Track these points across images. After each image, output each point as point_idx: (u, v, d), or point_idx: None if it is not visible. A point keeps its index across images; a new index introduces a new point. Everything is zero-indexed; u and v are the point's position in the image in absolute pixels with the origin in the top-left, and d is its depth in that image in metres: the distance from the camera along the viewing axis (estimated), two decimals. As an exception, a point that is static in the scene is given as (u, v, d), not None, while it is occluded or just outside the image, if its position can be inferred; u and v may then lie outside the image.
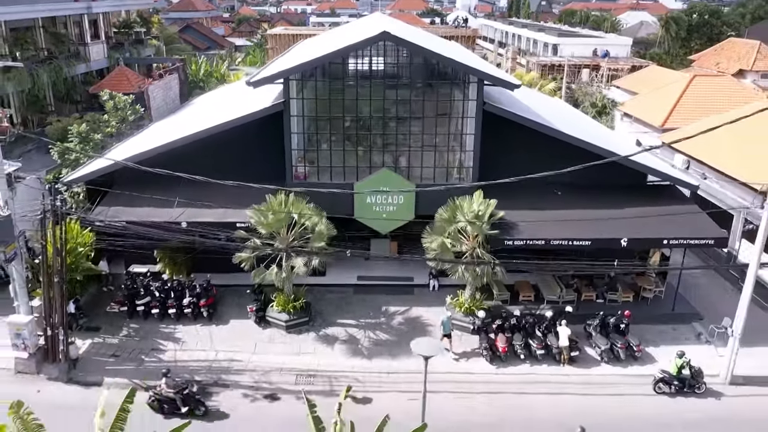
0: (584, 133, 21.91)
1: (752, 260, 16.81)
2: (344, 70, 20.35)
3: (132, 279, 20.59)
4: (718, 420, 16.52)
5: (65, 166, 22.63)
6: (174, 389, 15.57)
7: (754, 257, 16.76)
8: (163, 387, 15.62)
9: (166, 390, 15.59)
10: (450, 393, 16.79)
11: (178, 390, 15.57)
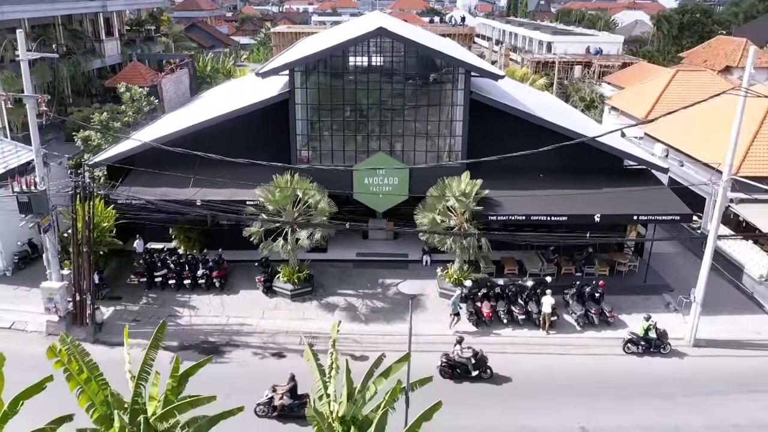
0: (564, 120, 23.77)
1: (710, 233, 18.69)
2: (344, 62, 22.21)
3: (150, 254, 22.51)
4: (681, 376, 18.36)
5: (87, 152, 24.53)
6: (467, 355, 17.19)
7: (711, 230, 18.63)
8: (457, 352, 17.31)
9: (459, 355, 17.28)
10: (435, 351, 18.63)
11: (472, 355, 17.24)
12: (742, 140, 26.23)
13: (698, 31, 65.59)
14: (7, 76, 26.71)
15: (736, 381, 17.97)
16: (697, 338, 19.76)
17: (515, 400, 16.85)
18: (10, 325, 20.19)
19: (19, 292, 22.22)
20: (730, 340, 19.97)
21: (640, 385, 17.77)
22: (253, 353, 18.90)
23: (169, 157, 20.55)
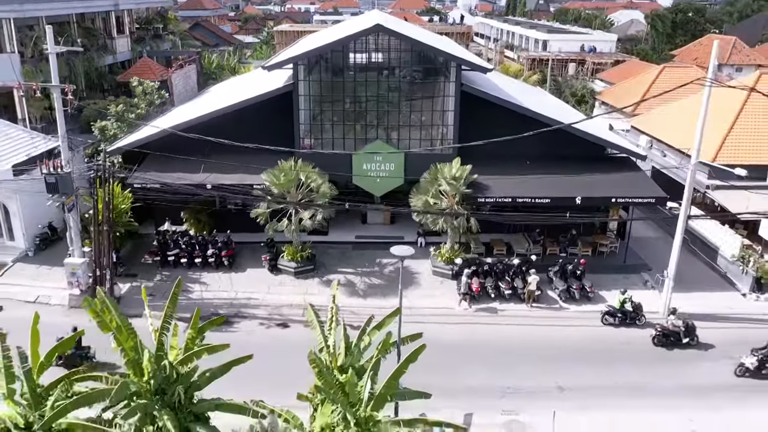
0: (548, 111, 25.36)
1: (681, 212, 20.28)
2: (345, 57, 23.82)
3: (163, 235, 24.15)
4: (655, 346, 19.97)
5: (104, 141, 26.16)
6: (679, 324, 19.11)
7: (682, 210, 20.23)
8: (672, 321, 19.18)
9: (673, 324, 19.13)
10: (432, 323, 20.22)
11: (683, 324, 19.10)
12: (719, 130, 27.98)
13: (691, 30, 67.12)
14: (28, 70, 28.35)
15: (705, 348, 19.57)
16: (670, 310, 21.32)
17: (500, 365, 18.42)
18: (35, 299, 21.81)
19: (41, 270, 23.86)
20: (701, 314, 21.49)
21: (615, 351, 19.40)
22: (260, 323, 20.54)
23: (180, 145, 22.24)
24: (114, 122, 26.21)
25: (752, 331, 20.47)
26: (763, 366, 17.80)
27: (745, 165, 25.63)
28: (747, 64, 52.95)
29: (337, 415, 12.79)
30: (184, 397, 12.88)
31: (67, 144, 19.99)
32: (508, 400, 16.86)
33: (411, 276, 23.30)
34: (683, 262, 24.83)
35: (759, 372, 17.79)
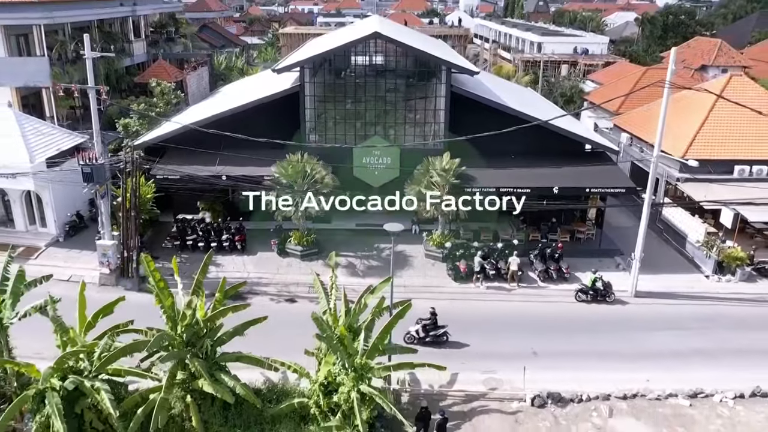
0: (532, 110, 27.81)
1: (645, 199, 22.75)
2: (346, 60, 26.29)
3: (182, 222, 26.69)
4: (621, 319, 22.41)
5: (127, 137, 28.69)
6: None
7: (647, 197, 22.69)
8: None
9: None
10: (424, 299, 22.64)
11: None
12: (691, 128, 30.35)
13: (682, 32, 69.25)
14: (56, 72, 30.92)
15: (665, 321, 22.03)
16: (638, 290, 23.80)
17: (482, 334, 20.83)
18: (68, 278, 24.30)
19: (71, 253, 26.42)
20: (665, 292, 24.00)
21: (585, 323, 21.88)
22: (270, 299, 23.08)
23: (197, 140, 24.76)
24: (137, 119, 28.72)
25: (706, 307, 23.03)
26: (427, 334, 19.93)
27: (712, 160, 28.43)
28: (732, 66, 55.11)
29: (338, 364, 15.32)
30: (210, 350, 15.46)
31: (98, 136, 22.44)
32: (488, 361, 19.30)
33: (406, 259, 25.79)
34: (656, 248, 27.54)
35: (423, 339, 19.87)
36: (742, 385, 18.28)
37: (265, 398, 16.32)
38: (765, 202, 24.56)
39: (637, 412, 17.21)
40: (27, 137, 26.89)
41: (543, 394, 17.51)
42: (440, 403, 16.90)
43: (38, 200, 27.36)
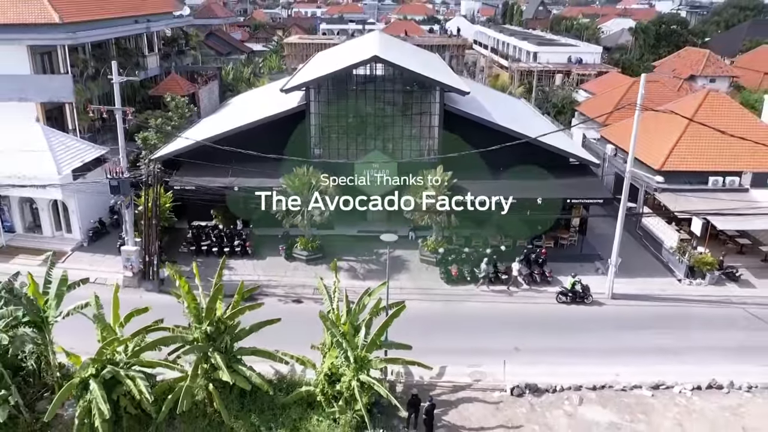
0: (520, 125, 30.03)
1: (620, 208, 24.97)
2: (347, 81, 28.53)
3: (197, 229, 28.98)
4: (598, 318, 24.66)
5: (145, 149, 31.00)
6: None
7: (621, 206, 24.92)
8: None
9: None
10: (417, 300, 24.91)
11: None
12: (670, 140, 32.51)
13: (674, 41, 71.60)
14: (79, 88, 33.26)
15: (637, 321, 24.26)
16: (614, 293, 26.01)
17: (470, 331, 23.07)
18: (94, 280, 26.55)
19: (96, 257, 28.73)
20: (640, 294, 26.23)
21: (564, 323, 24.10)
22: (278, 300, 25.34)
23: (210, 153, 27.05)
24: (155, 133, 31.02)
25: (676, 308, 25.27)
26: None
27: (689, 171, 30.61)
28: (720, 76, 57.46)
29: (340, 357, 17.59)
30: (229, 344, 17.76)
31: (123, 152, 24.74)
32: (474, 356, 21.52)
33: (402, 263, 28.06)
34: (635, 253, 29.82)
35: None
36: (700, 379, 20.49)
37: (276, 387, 18.62)
38: (732, 212, 26.80)
39: (604, 401, 19.45)
40: (54, 150, 29.22)
41: (521, 385, 19.76)
42: (430, 392, 19.13)
43: (64, 208, 29.67)
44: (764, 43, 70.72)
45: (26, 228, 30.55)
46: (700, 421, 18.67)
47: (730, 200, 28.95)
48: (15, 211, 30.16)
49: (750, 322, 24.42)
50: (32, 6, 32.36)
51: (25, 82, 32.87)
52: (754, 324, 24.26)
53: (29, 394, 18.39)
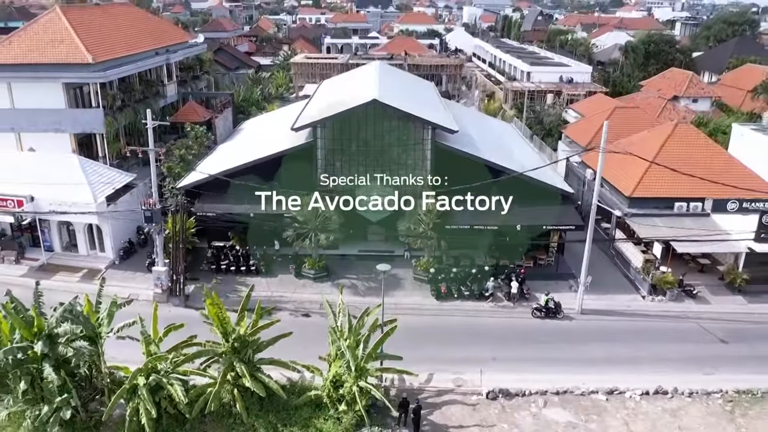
0: (505, 156, 33.62)
1: (587, 238, 28.56)
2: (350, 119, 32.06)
3: (216, 249, 32.70)
4: (569, 331, 28.23)
5: (169, 176, 34.72)
6: None
7: (589, 229, 28.51)
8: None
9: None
10: (409, 314, 28.48)
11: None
12: (640, 168, 35.97)
13: (662, 59, 74.98)
14: (109, 121, 37.02)
15: (602, 334, 27.82)
16: (583, 308, 29.59)
17: (454, 343, 26.65)
18: (128, 296, 29.97)
19: (127, 275, 32.44)
20: (607, 310, 29.81)
21: (537, 335, 27.69)
22: (289, 314, 28.97)
23: (228, 182, 30.74)
24: (177, 162, 34.76)
25: (638, 323, 28.83)
26: None
27: (656, 198, 34.09)
28: (702, 96, 60.91)
29: (343, 366, 21.26)
30: (251, 356, 21.44)
31: (155, 187, 28.46)
32: (458, 365, 25.12)
33: (398, 280, 31.70)
34: (607, 272, 33.43)
35: None
36: (649, 385, 24.07)
37: (289, 391, 22.27)
38: (687, 238, 30.34)
39: (565, 404, 23.06)
40: (90, 179, 33.00)
41: (495, 390, 23.38)
42: (418, 395, 22.75)
43: (98, 229, 33.41)
44: (749, 61, 74.12)
45: (63, 247, 34.31)
46: (644, 422, 22.25)
47: (693, 224, 32.56)
48: (54, 232, 33.93)
49: (701, 335, 27.96)
50: (68, 48, 36.12)
51: (61, 115, 36.63)
52: (704, 337, 27.81)
53: (83, 396, 22.06)
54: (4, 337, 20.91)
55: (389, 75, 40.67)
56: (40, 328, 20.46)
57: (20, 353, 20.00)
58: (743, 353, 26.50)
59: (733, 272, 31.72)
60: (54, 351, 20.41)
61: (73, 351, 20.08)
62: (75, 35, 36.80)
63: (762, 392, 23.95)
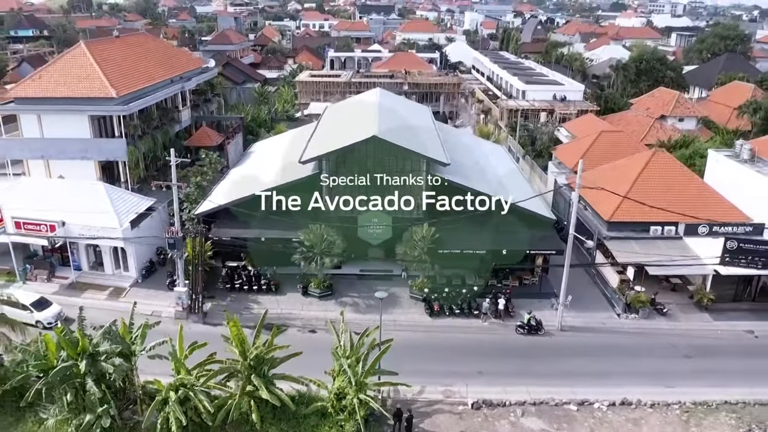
0: (496, 184, 36.81)
1: (565, 264, 31.70)
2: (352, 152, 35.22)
3: (230, 269, 35.96)
4: (548, 346, 31.37)
5: (187, 202, 37.99)
6: None
7: (566, 259, 31.64)
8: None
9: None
10: (405, 331, 31.69)
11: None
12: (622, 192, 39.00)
13: (654, 75, 78.00)
14: (131, 149, 40.33)
15: (578, 350, 30.94)
16: (563, 325, 32.73)
17: (444, 358, 29.81)
18: (151, 313, 33.54)
19: (150, 293, 35.69)
20: (584, 327, 32.96)
21: (520, 350, 30.84)
22: (297, 330, 32.18)
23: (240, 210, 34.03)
24: (195, 189, 38.06)
25: (612, 338, 31.93)
26: None
27: (633, 222, 37.15)
28: (688, 116, 63.94)
29: (345, 380, 24.48)
30: (266, 371, 24.67)
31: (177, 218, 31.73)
32: (447, 378, 28.29)
33: (395, 299, 34.88)
34: (587, 290, 36.58)
35: None
36: (616, 397, 27.21)
37: (297, 402, 25.46)
38: (657, 262, 33.44)
39: (540, 414, 26.22)
40: (115, 206, 36.27)
41: (479, 401, 26.56)
42: (411, 405, 25.94)
43: (122, 250, 36.69)
44: (736, 78, 77.02)
45: (90, 266, 37.60)
46: (608, 430, 25.41)
47: (666, 247, 35.69)
48: (82, 252, 37.23)
49: (667, 350, 31.07)
50: (94, 83, 39.47)
51: (87, 144, 39.99)
52: (670, 352, 30.92)
53: (118, 406, 25.28)
54: (51, 355, 24.24)
55: (389, 104, 43.82)
56: (83, 348, 23.72)
57: (67, 371, 23.26)
58: (704, 367, 29.59)
59: (701, 292, 34.82)
60: (95, 367, 23.66)
61: (113, 368, 23.31)
62: (99, 71, 40.12)
63: (716, 404, 27.06)
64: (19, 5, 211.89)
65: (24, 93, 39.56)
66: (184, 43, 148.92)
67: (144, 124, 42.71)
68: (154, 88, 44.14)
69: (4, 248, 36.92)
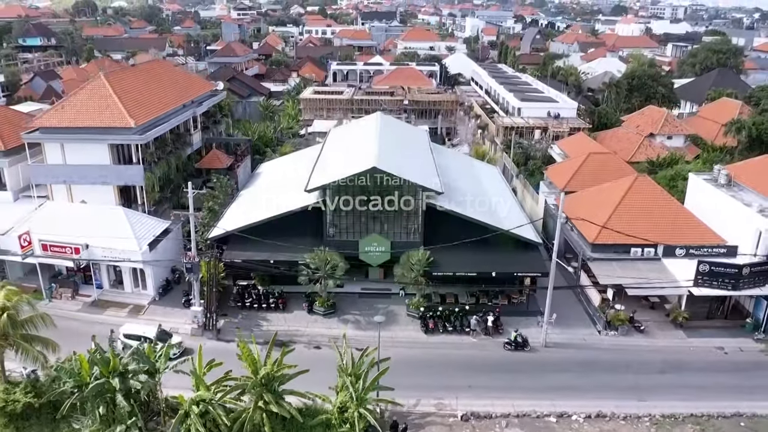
0: (487, 210, 39.71)
1: (550, 278, 34.54)
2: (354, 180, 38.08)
3: (241, 288, 38.90)
4: (532, 362, 34.18)
5: (201, 225, 40.92)
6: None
7: (550, 281, 34.48)
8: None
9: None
10: (402, 347, 34.54)
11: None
12: (603, 217, 41.88)
13: (645, 92, 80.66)
14: (148, 175, 43.31)
15: (561, 365, 33.75)
16: (548, 342, 35.56)
17: (437, 372, 32.64)
18: (169, 329, 36.51)
19: (167, 310, 38.67)
20: (567, 343, 35.78)
21: (507, 366, 33.67)
22: (303, 346, 35.06)
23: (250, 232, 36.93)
24: (207, 213, 41.02)
25: (592, 354, 34.74)
26: None
27: (615, 244, 39.92)
28: (676, 134, 66.63)
29: (347, 395, 27.40)
30: (276, 387, 27.60)
31: (194, 244, 34.68)
32: (440, 391, 31.14)
33: (394, 317, 37.78)
34: (572, 309, 39.40)
35: None
36: (592, 410, 30.04)
37: (304, 414, 28.34)
38: (636, 285, 36.23)
39: (523, 425, 29.08)
40: (135, 230, 39.26)
41: (468, 413, 29.42)
42: (406, 418, 28.83)
43: (141, 270, 39.65)
44: (725, 95, 79.66)
45: (111, 284, 40.58)
46: (583, 440, 28.28)
47: (646, 268, 38.49)
48: (103, 272, 40.23)
49: (642, 366, 33.84)
50: (114, 114, 42.38)
51: (107, 170, 42.95)
52: (645, 368, 33.70)
53: (143, 418, 28.22)
54: (85, 372, 27.21)
55: (388, 131, 46.74)
56: (114, 367, 26.67)
57: (101, 387, 26.21)
58: (675, 382, 32.38)
59: (676, 311, 37.63)
60: (125, 384, 26.62)
61: (140, 384, 26.26)
62: (118, 101, 43.04)
63: (683, 416, 29.88)
64: (25, 11, 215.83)
65: (48, 123, 42.51)
66: (190, 51, 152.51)
67: (159, 150, 45.60)
68: (167, 115, 47.03)
69: (31, 268, 39.94)
